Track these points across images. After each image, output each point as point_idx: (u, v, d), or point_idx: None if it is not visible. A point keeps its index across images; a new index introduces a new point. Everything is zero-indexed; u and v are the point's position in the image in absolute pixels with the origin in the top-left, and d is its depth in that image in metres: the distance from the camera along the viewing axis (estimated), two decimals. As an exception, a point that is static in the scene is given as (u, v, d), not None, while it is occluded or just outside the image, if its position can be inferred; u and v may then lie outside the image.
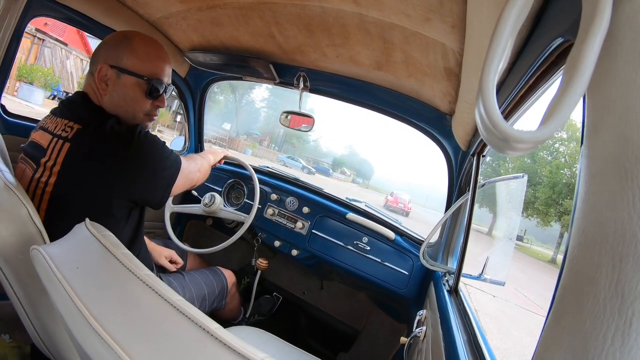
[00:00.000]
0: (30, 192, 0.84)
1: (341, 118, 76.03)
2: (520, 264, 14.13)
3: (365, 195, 22.55)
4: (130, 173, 0.84)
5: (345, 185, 29.86)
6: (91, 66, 0.92)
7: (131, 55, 0.89)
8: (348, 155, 54.81)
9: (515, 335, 5.16)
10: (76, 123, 0.84)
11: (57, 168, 0.81)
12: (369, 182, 48.36)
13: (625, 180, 0.24)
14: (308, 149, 45.34)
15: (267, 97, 37.47)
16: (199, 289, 1.29)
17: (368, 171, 54.60)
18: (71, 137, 0.82)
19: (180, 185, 0.99)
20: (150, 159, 0.88)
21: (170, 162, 0.94)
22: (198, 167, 1.12)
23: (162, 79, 0.95)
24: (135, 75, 0.90)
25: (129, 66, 0.89)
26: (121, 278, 0.53)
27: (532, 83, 0.55)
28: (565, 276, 0.28)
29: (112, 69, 0.88)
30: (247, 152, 26.81)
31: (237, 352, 0.41)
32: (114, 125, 0.85)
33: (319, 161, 39.94)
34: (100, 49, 0.92)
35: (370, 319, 1.81)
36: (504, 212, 1.15)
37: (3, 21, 1.02)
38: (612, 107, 0.26)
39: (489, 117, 0.29)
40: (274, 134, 36.13)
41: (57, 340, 0.72)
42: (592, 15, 0.26)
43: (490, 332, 4.89)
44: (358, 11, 0.86)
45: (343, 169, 42.30)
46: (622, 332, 0.23)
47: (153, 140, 0.89)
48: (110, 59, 0.89)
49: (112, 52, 0.89)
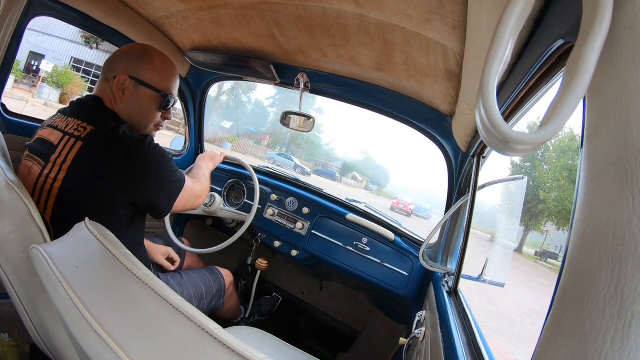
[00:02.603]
0: (37, 188, 0.85)
1: (356, 121, 73.41)
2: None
3: (374, 201, 21.93)
4: (138, 178, 0.87)
5: (355, 192, 26.60)
6: (107, 72, 0.96)
7: (150, 69, 0.96)
8: (363, 160, 52.01)
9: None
10: (89, 124, 0.86)
11: (67, 164, 0.83)
12: (384, 189, 45.95)
13: (625, 182, 0.24)
14: (320, 152, 43.49)
15: (268, 91, 36.06)
16: (196, 287, 1.29)
17: (383, 178, 51.86)
18: (84, 136, 0.84)
19: (181, 204, 1.01)
20: (158, 168, 0.91)
21: (176, 177, 0.97)
22: (200, 192, 1.14)
23: (173, 94, 1.02)
24: (152, 89, 0.97)
25: (147, 79, 0.96)
26: (120, 277, 0.53)
27: (533, 84, 0.55)
28: (564, 277, 0.28)
29: (130, 79, 0.94)
30: (225, 146, 23.29)
31: (235, 352, 0.41)
32: (127, 131, 0.88)
33: (327, 164, 37.62)
34: (119, 58, 0.96)
35: (370, 320, 1.81)
36: (503, 214, 1.15)
37: (3, 21, 1.02)
38: (612, 109, 0.26)
39: (489, 118, 0.29)
40: (279, 134, 34.95)
41: (57, 339, 0.72)
42: (593, 18, 0.26)
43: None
44: (359, 12, 0.86)
45: (354, 173, 40.19)
46: (621, 333, 0.23)
47: (162, 152, 0.92)
48: (129, 70, 0.94)
49: (132, 64, 0.95)
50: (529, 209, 19.65)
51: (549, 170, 20.11)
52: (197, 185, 1.11)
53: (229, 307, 1.53)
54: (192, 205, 1.09)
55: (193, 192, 1.07)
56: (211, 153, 1.45)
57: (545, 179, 19.81)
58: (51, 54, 16.69)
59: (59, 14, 1.15)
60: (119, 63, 0.95)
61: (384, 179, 52.22)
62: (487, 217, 3.78)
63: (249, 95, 36.09)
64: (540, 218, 19.78)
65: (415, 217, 22.27)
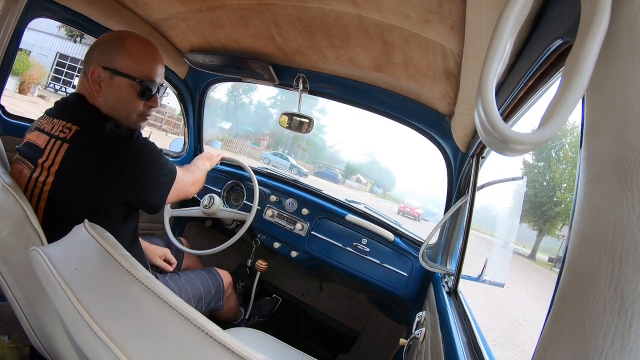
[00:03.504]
0: (28, 192, 0.84)
1: (360, 123, 71.12)
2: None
3: (377, 203, 21.16)
4: (127, 176, 0.85)
5: (359, 195, 25.00)
6: (85, 66, 0.91)
7: (124, 56, 0.89)
8: (368, 163, 49.89)
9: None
10: (74, 124, 0.84)
11: (55, 168, 0.81)
12: (389, 193, 44.01)
13: (625, 182, 0.24)
14: (324, 154, 41.95)
15: (269, 91, 34.96)
16: (195, 288, 1.29)
17: (389, 181, 49.55)
18: (69, 138, 0.83)
19: (174, 195, 1.00)
20: (148, 163, 0.89)
21: (167, 169, 0.95)
22: (193, 181, 1.14)
23: (154, 80, 0.94)
24: (127, 77, 0.90)
25: (121, 68, 0.89)
26: (120, 279, 0.53)
27: (532, 84, 0.55)
28: (564, 277, 0.28)
29: (105, 71, 0.88)
30: (214, 145, 22.16)
31: (236, 354, 0.41)
32: (113, 129, 0.86)
33: (330, 166, 36.27)
34: (94, 50, 0.91)
35: (370, 321, 1.80)
36: (502, 215, 1.15)
37: (3, 21, 1.03)
38: (611, 109, 0.26)
39: (488, 118, 0.29)
40: (280, 135, 33.81)
41: (56, 341, 0.72)
42: (591, 17, 0.26)
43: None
44: (357, 12, 0.86)
45: (358, 176, 38.80)
46: (621, 333, 0.23)
47: (151, 146, 0.90)
48: (103, 61, 0.88)
49: (106, 54, 0.89)
50: (544, 212, 18.61)
51: (566, 169, 18.75)
52: (188, 175, 1.10)
53: (229, 308, 1.52)
54: (185, 194, 1.08)
55: (185, 182, 1.06)
56: (209, 154, 1.45)
57: (562, 179, 18.56)
58: (37, 50, 16.33)
59: (57, 16, 1.15)
60: (93, 55, 0.90)
61: (389, 182, 50.41)
62: (489, 219, 3.67)
63: (250, 95, 35.56)
64: (556, 221, 18.67)
65: (424, 222, 21.85)
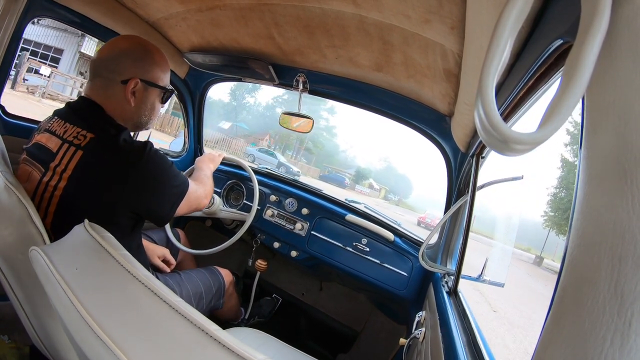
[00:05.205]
0: (38, 194, 0.84)
1: (373, 124, 68.06)
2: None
3: (393, 211, 19.50)
4: (140, 188, 0.86)
5: (371, 201, 23.04)
6: (110, 75, 0.90)
7: (156, 69, 0.96)
8: (382, 168, 48.23)
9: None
10: (89, 132, 0.85)
11: (68, 173, 0.82)
12: (405, 200, 42.49)
13: (625, 182, 0.24)
14: (333, 156, 40.31)
15: (270, 90, 33.31)
16: (195, 287, 1.29)
17: (405, 188, 47.61)
18: (84, 146, 0.83)
19: (186, 207, 1.00)
20: (159, 175, 0.90)
21: (178, 182, 0.96)
22: (205, 194, 1.15)
23: (169, 86, 1.04)
24: (160, 88, 0.98)
25: (155, 79, 0.96)
26: (120, 279, 0.53)
27: (532, 84, 0.55)
28: (564, 277, 0.28)
29: (141, 82, 0.93)
30: (251, 148, 21.63)
31: (236, 354, 0.41)
32: (127, 139, 0.88)
33: (340, 170, 34.64)
34: (121, 60, 0.91)
35: (370, 320, 1.80)
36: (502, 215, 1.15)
37: (3, 21, 1.02)
38: (611, 108, 0.26)
39: (488, 118, 0.29)
40: (287, 136, 32.38)
41: (56, 341, 0.72)
42: (592, 17, 0.26)
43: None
44: (358, 12, 0.86)
45: (371, 181, 37.30)
46: (621, 333, 0.23)
47: (163, 158, 0.91)
48: (139, 73, 0.93)
49: (140, 65, 0.93)
50: (566, 218, 17.74)
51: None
52: (200, 188, 1.11)
53: (230, 307, 1.52)
54: (197, 207, 1.09)
55: (197, 195, 1.07)
56: (210, 155, 1.45)
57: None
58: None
59: (57, 15, 1.15)
60: (123, 66, 0.91)
61: (406, 189, 48.15)
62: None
63: (253, 94, 34.74)
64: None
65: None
